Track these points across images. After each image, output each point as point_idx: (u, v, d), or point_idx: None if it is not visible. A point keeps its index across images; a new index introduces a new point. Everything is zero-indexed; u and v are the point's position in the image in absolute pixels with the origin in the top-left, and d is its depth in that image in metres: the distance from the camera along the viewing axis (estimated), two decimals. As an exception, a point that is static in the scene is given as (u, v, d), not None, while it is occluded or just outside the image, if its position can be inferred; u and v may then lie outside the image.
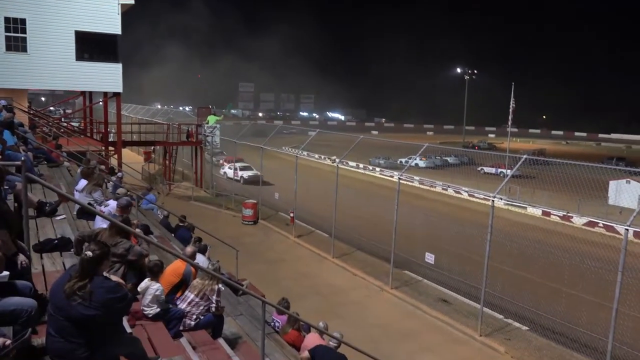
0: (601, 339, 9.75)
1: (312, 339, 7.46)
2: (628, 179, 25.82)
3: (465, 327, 12.27)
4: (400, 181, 15.02)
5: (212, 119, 27.77)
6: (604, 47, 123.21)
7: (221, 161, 34.35)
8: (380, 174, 27.95)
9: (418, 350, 11.18)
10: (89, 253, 3.61)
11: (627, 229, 9.30)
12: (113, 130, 25.97)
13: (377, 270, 15.96)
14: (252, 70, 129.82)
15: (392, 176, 17.83)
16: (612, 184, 25.63)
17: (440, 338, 11.97)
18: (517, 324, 12.28)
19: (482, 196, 14.23)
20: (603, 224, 14.34)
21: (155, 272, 6.00)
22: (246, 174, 29.53)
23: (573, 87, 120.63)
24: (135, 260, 6.09)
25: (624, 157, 52.31)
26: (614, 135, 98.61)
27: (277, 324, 8.33)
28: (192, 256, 7.62)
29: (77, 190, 9.28)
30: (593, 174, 13.10)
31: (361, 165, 30.29)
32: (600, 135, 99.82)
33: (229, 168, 30.70)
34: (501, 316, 12.65)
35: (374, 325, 12.33)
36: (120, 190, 10.43)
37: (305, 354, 7.05)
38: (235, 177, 29.17)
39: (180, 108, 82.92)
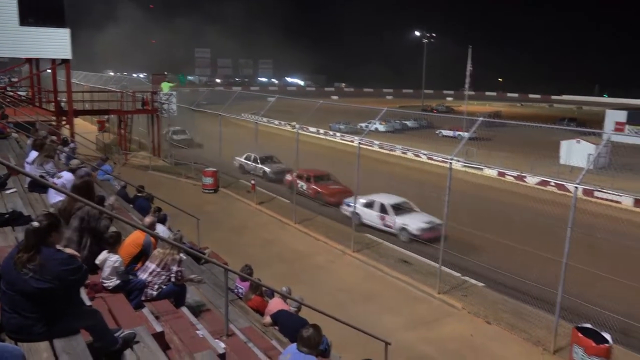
0: (551, 291, 10.25)
1: (275, 304, 7.57)
2: (578, 139, 26.82)
3: (425, 285, 12.69)
4: (361, 146, 15.12)
5: (165, 86, 27.03)
6: (560, 14, 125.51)
7: (288, 177, 21.65)
8: (341, 139, 27.99)
9: (380, 310, 11.49)
10: (35, 223, 3.50)
11: (577, 187, 9.70)
12: (64, 99, 24.93)
13: (339, 234, 16.20)
14: (208, 35, 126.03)
15: (352, 141, 17.87)
16: (564, 144, 26.60)
17: (401, 297, 12.34)
18: (473, 281, 12.80)
19: (440, 159, 14.48)
20: (554, 182, 14.90)
21: (112, 244, 5.89)
22: (416, 224, 15.65)
23: (528, 49, 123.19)
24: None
25: (575, 117, 54.14)
26: (565, 97, 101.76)
27: (240, 290, 8.39)
28: (151, 226, 7.51)
29: (27, 163, 8.94)
30: (546, 135, 13.49)
31: (322, 131, 30.25)
32: (553, 97, 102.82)
33: (365, 206, 16.98)
34: (458, 274, 13.13)
35: (338, 288, 12.58)
36: (74, 162, 10.09)
37: (268, 319, 7.17)
38: (387, 227, 16.50)
39: (135, 75, 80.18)
